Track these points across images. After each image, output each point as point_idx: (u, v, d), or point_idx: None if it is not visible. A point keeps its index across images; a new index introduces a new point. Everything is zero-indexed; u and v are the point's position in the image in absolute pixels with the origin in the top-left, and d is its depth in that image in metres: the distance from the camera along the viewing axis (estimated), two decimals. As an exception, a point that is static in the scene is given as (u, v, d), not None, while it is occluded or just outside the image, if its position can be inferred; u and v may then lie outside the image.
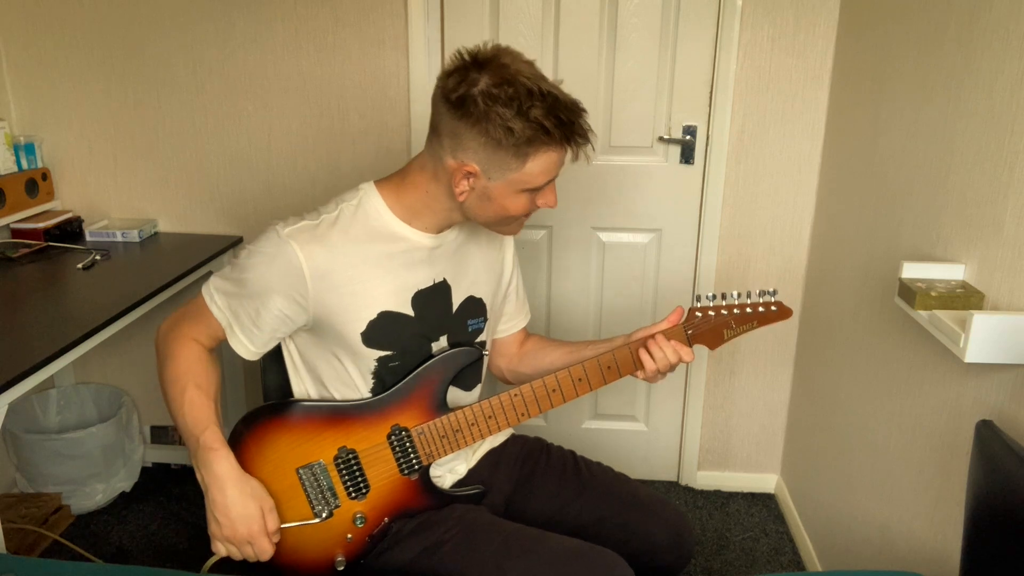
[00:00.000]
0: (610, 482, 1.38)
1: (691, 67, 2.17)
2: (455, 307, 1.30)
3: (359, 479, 1.24)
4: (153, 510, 2.34)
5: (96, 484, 2.33)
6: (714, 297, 1.23)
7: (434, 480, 1.30)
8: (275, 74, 2.23)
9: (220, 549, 1.15)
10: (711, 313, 1.23)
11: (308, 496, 1.23)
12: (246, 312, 1.19)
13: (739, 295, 1.24)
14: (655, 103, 2.21)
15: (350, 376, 1.25)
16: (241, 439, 1.23)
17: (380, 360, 1.23)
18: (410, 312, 1.24)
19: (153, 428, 2.57)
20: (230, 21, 2.19)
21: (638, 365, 1.24)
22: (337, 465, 1.23)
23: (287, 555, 1.24)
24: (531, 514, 1.34)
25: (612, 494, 1.36)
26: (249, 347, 1.22)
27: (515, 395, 1.24)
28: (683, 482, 2.53)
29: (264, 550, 1.15)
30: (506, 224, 1.23)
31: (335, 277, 1.17)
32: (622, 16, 2.15)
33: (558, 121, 1.09)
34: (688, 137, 2.22)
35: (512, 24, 2.17)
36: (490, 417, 1.24)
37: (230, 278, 1.20)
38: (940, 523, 1.38)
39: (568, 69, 2.19)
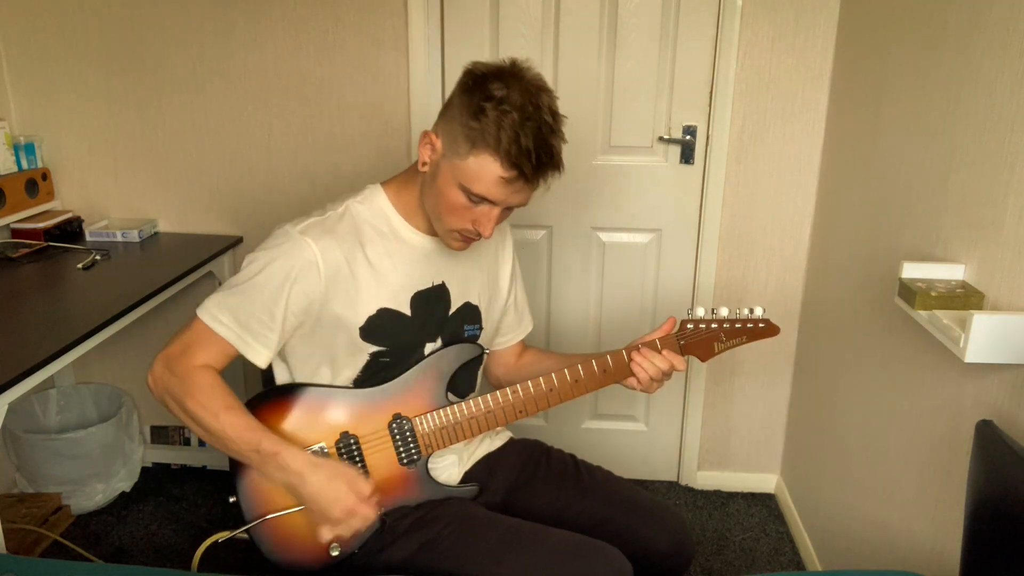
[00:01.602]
0: (611, 486, 1.38)
1: (691, 67, 2.17)
2: (452, 311, 1.31)
3: (359, 465, 1.25)
4: (153, 510, 2.34)
5: (96, 484, 2.33)
6: (705, 311, 1.28)
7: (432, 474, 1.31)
8: (275, 74, 2.23)
9: (327, 535, 1.13)
10: (702, 326, 1.28)
11: None
12: (257, 318, 1.17)
13: (728, 311, 1.28)
14: (655, 103, 2.21)
15: (340, 369, 1.26)
16: None
17: (373, 355, 1.25)
18: (407, 312, 1.26)
19: (153, 428, 2.57)
20: (230, 21, 2.19)
21: (632, 372, 1.28)
22: (339, 450, 1.24)
23: (283, 540, 1.24)
24: (530, 517, 1.34)
25: (613, 498, 1.36)
26: (264, 352, 1.19)
27: (514, 392, 1.27)
28: (683, 482, 2.53)
29: (366, 515, 1.13)
30: (443, 220, 1.19)
31: (344, 271, 1.20)
32: (622, 16, 2.15)
33: (516, 139, 1.08)
34: (688, 137, 2.22)
35: (512, 24, 2.17)
36: (488, 412, 1.27)
37: (234, 292, 1.18)
38: (940, 523, 1.38)
39: (568, 69, 2.19)
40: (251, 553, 1.25)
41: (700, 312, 1.28)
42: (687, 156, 2.24)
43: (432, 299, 1.28)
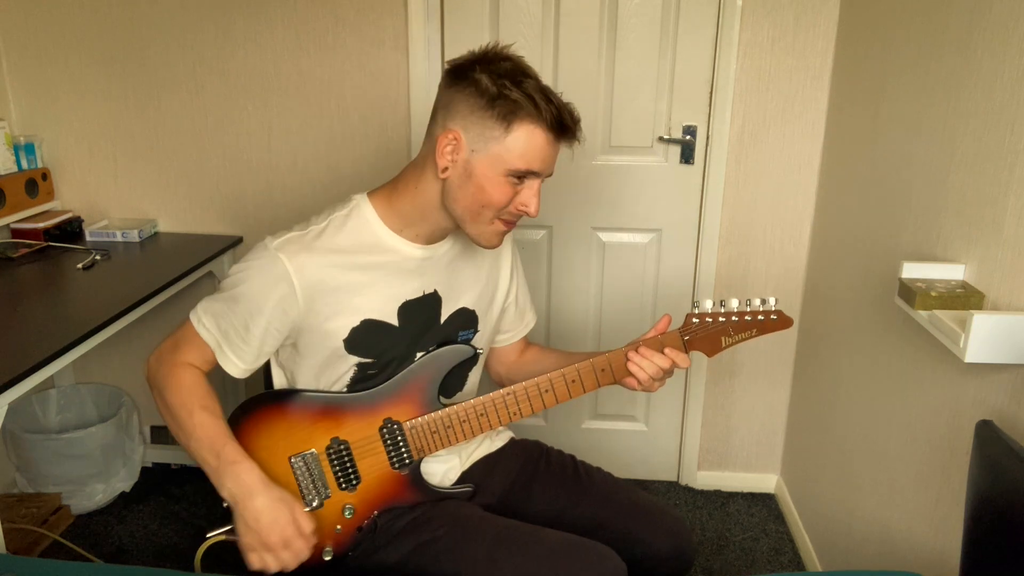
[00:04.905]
0: (610, 488, 1.38)
1: (691, 67, 2.17)
2: (443, 319, 1.30)
3: (350, 470, 1.24)
4: (153, 510, 2.34)
5: (96, 484, 2.33)
6: (713, 304, 1.23)
7: (425, 477, 1.31)
8: (275, 74, 2.23)
9: (255, 562, 1.14)
10: (708, 320, 1.23)
11: (299, 485, 1.23)
12: (235, 329, 1.20)
13: (738, 303, 1.23)
14: (655, 103, 2.21)
15: (328, 378, 1.26)
16: (237, 425, 1.24)
17: (360, 366, 1.24)
18: (395, 322, 1.24)
19: (153, 428, 2.57)
20: (230, 21, 2.20)
21: (629, 372, 1.25)
22: (329, 455, 1.23)
23: None
24: (529, 518, 1.33)
25: (612, 501, 1.35)
26: (239, 364, 1.22)
27: (507, 393, 1.24)
28: (683, 482, 2.53)
29: (300, 550, 1.14)
30: (483, 215, 1.17)
31: (323, 286, 1.18)
32: (622, 16, 2.15)
33: (547, 100, 1.10)
34: (688, 137, 2.22)
35: (512, 24, 2.17)
36: (482, 415, 1.25)
37: (219, 299, 1.21)
38: (940, 523, 1.38)
39: (568, 69, 2.19)
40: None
41: (708, 305, 1.22)
42: (687, 156, 2.24)
43: (422, 308, 1.27)
